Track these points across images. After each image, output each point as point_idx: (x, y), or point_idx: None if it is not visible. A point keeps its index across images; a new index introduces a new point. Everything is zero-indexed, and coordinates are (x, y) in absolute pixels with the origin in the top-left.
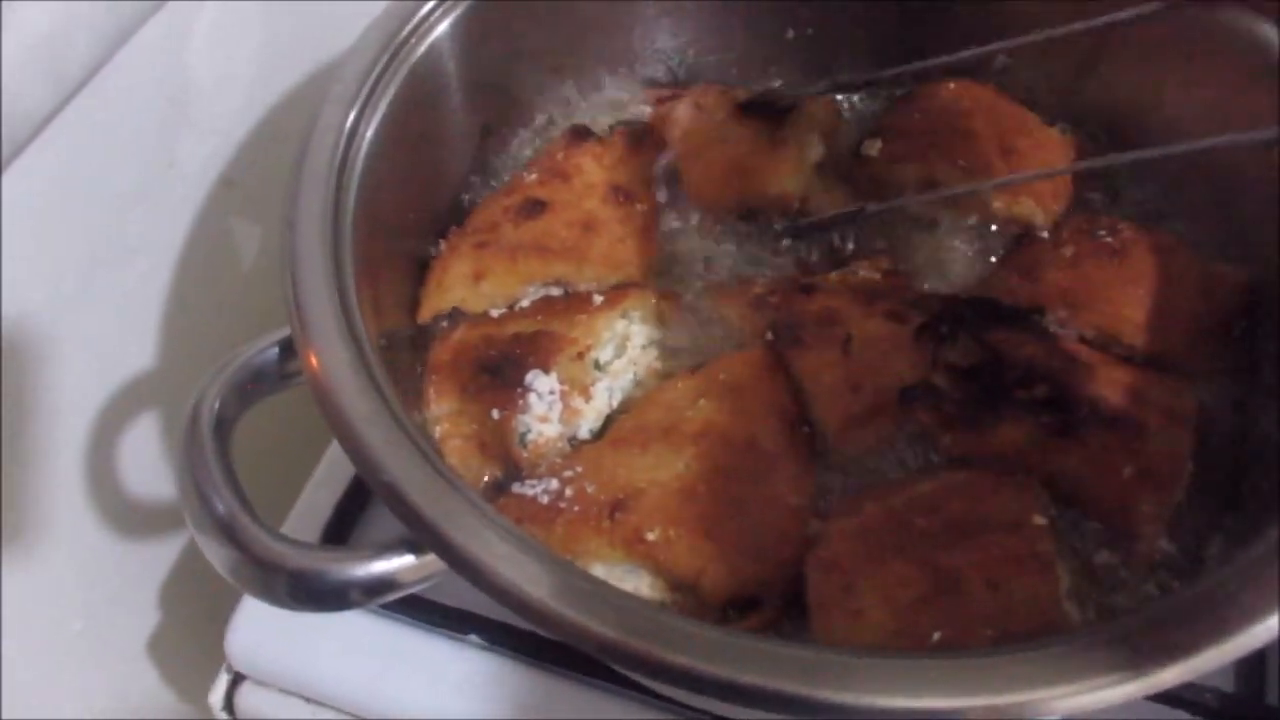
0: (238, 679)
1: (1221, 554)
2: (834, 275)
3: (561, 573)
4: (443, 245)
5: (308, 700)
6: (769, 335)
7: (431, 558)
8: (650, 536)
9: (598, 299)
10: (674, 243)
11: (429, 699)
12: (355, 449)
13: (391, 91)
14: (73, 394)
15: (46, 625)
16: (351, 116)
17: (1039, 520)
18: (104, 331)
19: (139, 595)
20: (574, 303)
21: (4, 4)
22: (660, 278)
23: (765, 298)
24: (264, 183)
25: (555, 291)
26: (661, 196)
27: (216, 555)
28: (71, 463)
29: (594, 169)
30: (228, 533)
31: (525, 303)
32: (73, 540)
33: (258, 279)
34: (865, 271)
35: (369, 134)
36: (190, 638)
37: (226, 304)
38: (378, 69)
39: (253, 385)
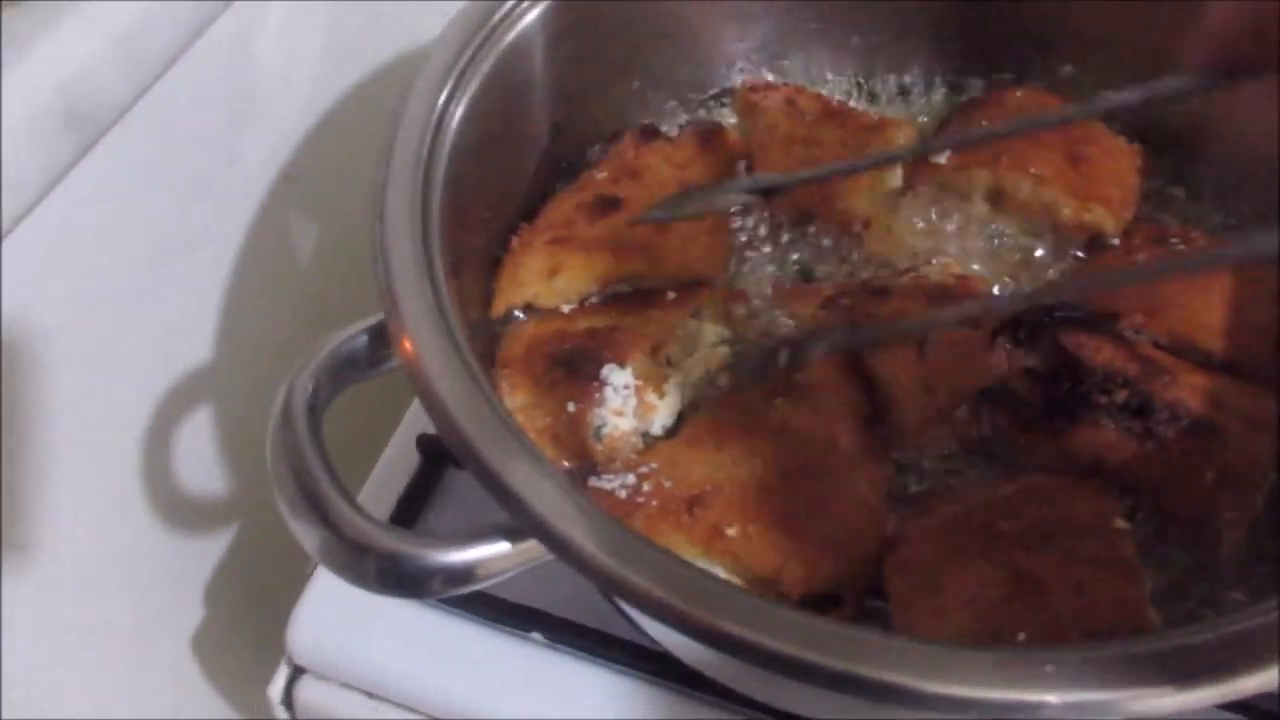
0: (297, 672)
1: None
2: (906, 278)
3: (660, 559)
4: (515, 241)
5: (369, 695)
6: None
7: (526, 545)
8: (730, 532)
9: (670, 295)
10: (744, 242)
11: (490, 696)
12: (454, 434)
13: (476, 85)
14: (132, 387)
15: (94, 622)
16: (438, 108)
17: (1120, 524)
18: (163, 324)
19: (187, 592)
20: (646, 300)
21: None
22: (731, 277)
23: (837, 299)
24: (323, 179)
25: (625, 289)
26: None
27: (308, 536)
28: (129, 456)
29: (664, 167)
30: (321, 513)
31: (596, 299)
32: (123, 534)
33: (315, 275)
34: (937, 276)
35: (453, 127)
36: (238, 636)
37: (283, 299)
38: (463, 60)
39: (343, 371)
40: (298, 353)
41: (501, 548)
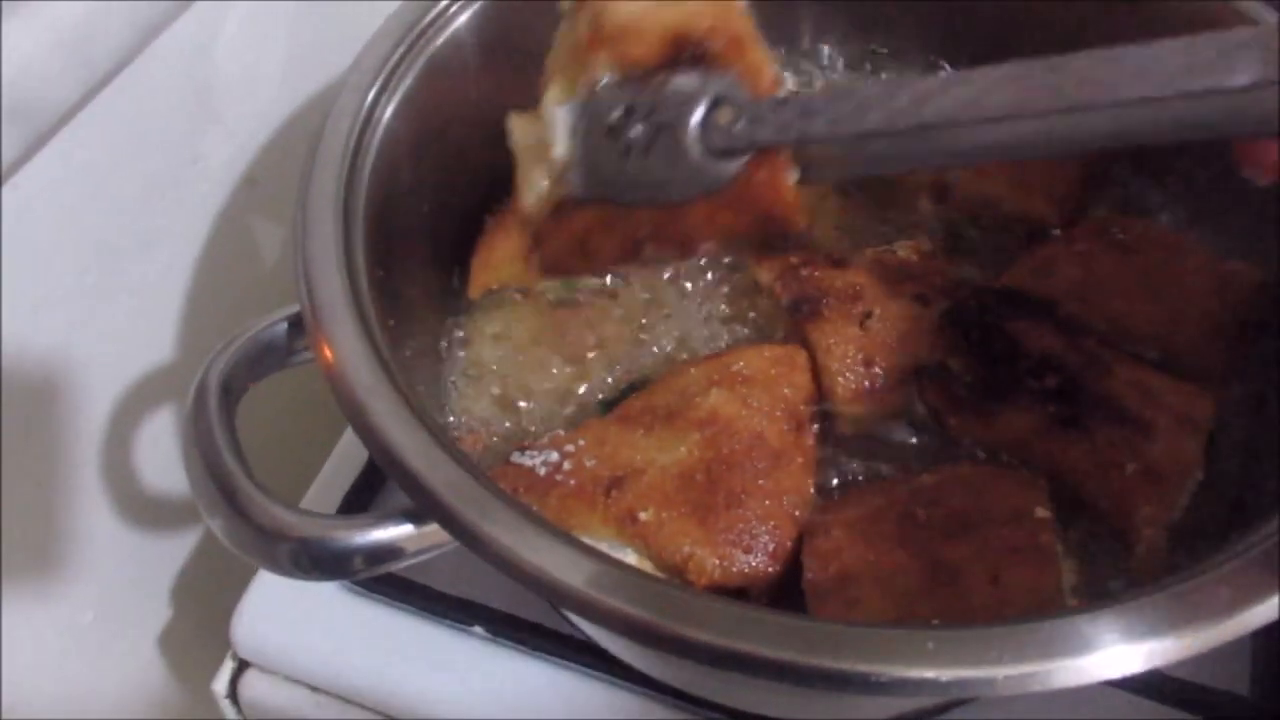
0: (242, 666)
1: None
2: (870, 251)
3: (560, 542)
4: (488, 222)
5: (312, 689)
6: (789, 305)
7: (431, 527)
8: (643, 516)
9: None
10: None
11: (433, 689)
12: (358, 418)
13: (410, 80)
14: (90, 386)
15: (56, 617)
16: (368, 101)
17: (1041, 513)
18: (122, 324)
19: (151, 589)
20: None
21: None
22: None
23: (798, 268)
24: (286, 182)
25: None
26: None
27: (218, 523)
28: (88, 455)
29: None
30: (229, 499)
31: None
32: (87, 533)
33: (278, 277)
34: (904, 253)
35: (385, 119)
36: (202, 633)
37: (246, 301)
38: (395, 56)
39: (261, 359)
40: None
41: (406, 530)
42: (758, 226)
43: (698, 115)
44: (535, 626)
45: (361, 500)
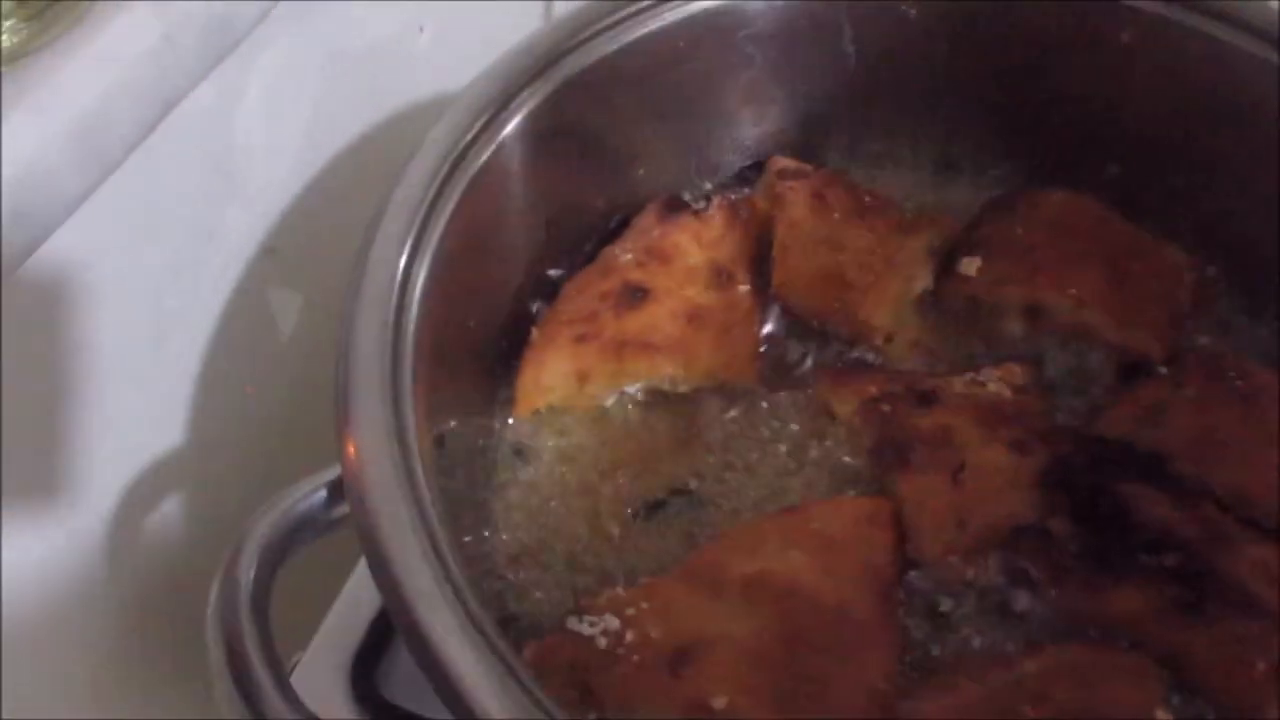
0: None
1: None
2: (959, 383)
3: None
4: (535, 334)
5: None
6: (872, 449)
7: None
8: (716, 704)
9: None
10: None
11: None
12: (413, 634)
13: (453, 202)
14: (100, 476)
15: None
16: (405, 255)
17: (1163, 716)
18: (135, 408)
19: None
20: None
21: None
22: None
23: (878, 403)
24: (305, 249)
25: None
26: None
27: None
28: (96, 538)
29: (693, 248)
30: (253, 707)
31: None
32: (87, 628)
33: (296, 348)
34: (995, 385)
35: (423, 274)
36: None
37: (263, 374)
38: (439, 179)
39: (296, 534)
40: (278, 429)
41: None
42: None
43: None
44: None
45: (371, 659)
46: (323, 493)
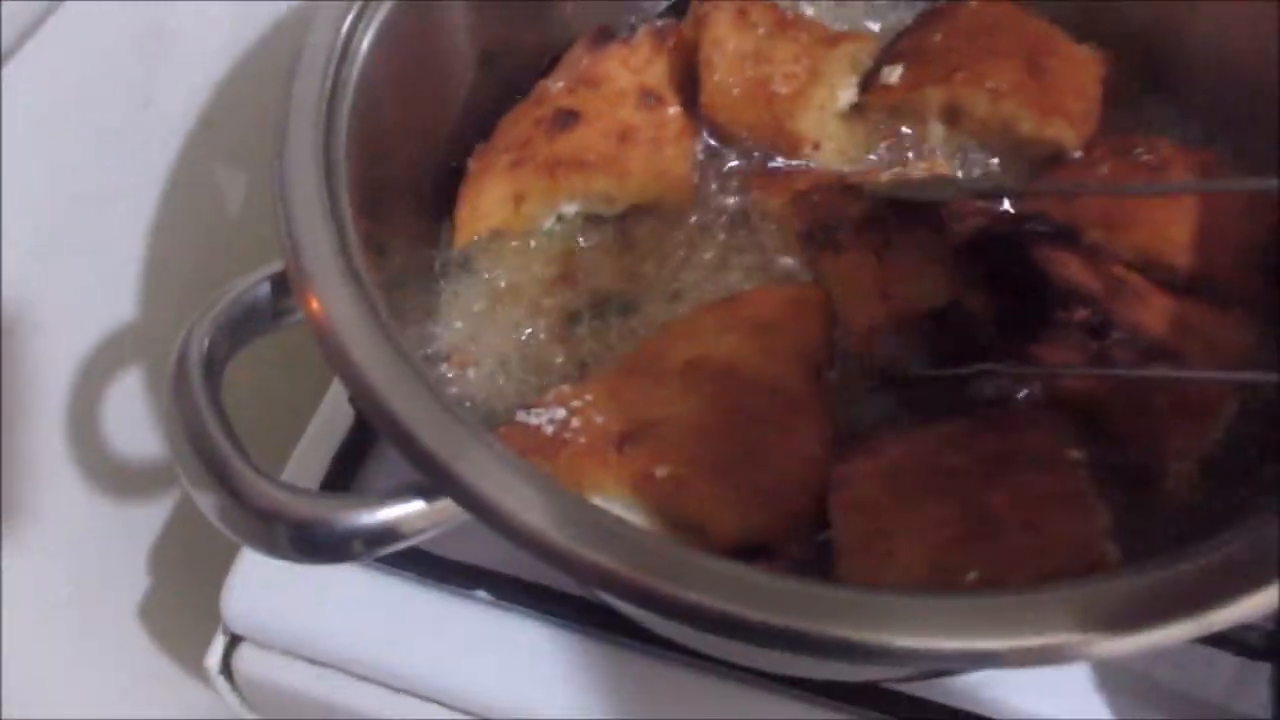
0: (235, 641)
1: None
2: (885, 176)
3: (580, 511)
4: (471, 164)
5: (310, 661)
6: (802, 233)
7: (441, 504)
8: (660, 473)
9: None
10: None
11: (437, 657)
12: (359, 388)
13: (384, 12)
14: (51, 350)
15: (32, 597)
16: (343, 32)
17: (1074, 455)
18: (84, 281)
19: (128, 559)
20: None
21: None
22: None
23: (809, 195)
24: (247, 124)
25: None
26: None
27: (210, 505)
28: (53, 422)
29: (622, 73)
30: (222, 480)
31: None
32: (57, 504)
33: (243, 225)
34: (918, 175)
35: (363, 52)
36: (184, 601)
37: (211, 251)
38: (349, 20)
39: (244, 323)
40: None
41: (417, 506)
42: None
43: None
44: (540, 589)
45: (345, 472)
46: (266, 285)
